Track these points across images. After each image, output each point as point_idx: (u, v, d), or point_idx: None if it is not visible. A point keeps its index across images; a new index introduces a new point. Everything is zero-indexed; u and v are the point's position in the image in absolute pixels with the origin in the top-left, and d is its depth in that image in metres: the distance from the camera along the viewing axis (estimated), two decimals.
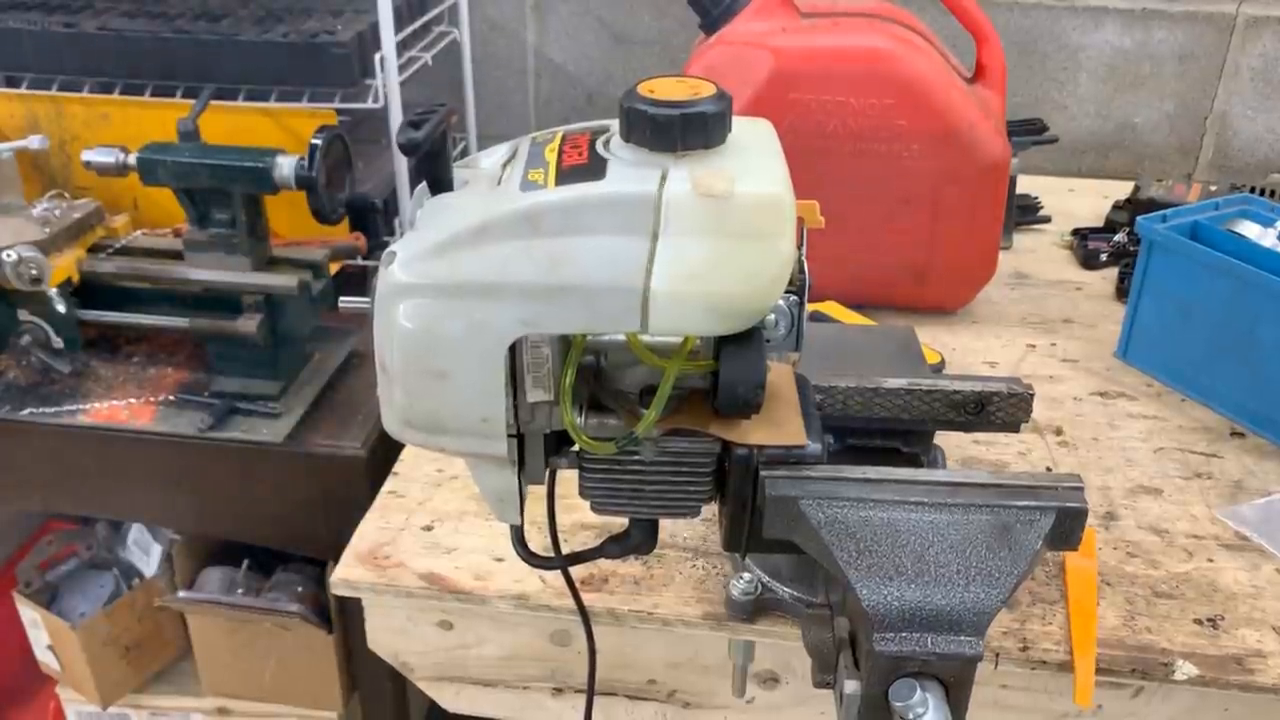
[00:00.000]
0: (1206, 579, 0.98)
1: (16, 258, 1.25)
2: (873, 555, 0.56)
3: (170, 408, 1.33)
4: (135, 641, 1.57)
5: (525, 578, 0.97)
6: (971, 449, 1.13)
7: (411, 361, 0.58)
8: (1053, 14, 1.80)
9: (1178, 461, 1.14)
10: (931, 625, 0.54)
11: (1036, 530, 0.56)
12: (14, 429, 1.32)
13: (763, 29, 1.29)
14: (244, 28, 1.52)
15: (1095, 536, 1.02)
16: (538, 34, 1.93)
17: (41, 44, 1.52)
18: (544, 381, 0.61)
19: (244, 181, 1.25)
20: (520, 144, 0.64)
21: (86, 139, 1.45)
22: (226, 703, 1.58)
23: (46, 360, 1.34)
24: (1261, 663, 0.89)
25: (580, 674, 1.04)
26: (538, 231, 0.56)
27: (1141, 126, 1.88)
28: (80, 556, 1.68)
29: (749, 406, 0.61)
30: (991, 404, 0.85)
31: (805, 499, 0.58)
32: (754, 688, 1.02)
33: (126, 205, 1.50)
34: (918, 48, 1.26)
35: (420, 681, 1.08)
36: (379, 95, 1.48)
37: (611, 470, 0.65)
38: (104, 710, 1.59)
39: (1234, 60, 1.79)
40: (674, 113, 0.56)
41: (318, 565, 1.50)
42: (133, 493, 1.38)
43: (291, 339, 1.35)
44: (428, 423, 0.60)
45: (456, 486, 1.10)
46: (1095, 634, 0.91)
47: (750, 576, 0.92)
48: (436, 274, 0.57)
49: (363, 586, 0.99)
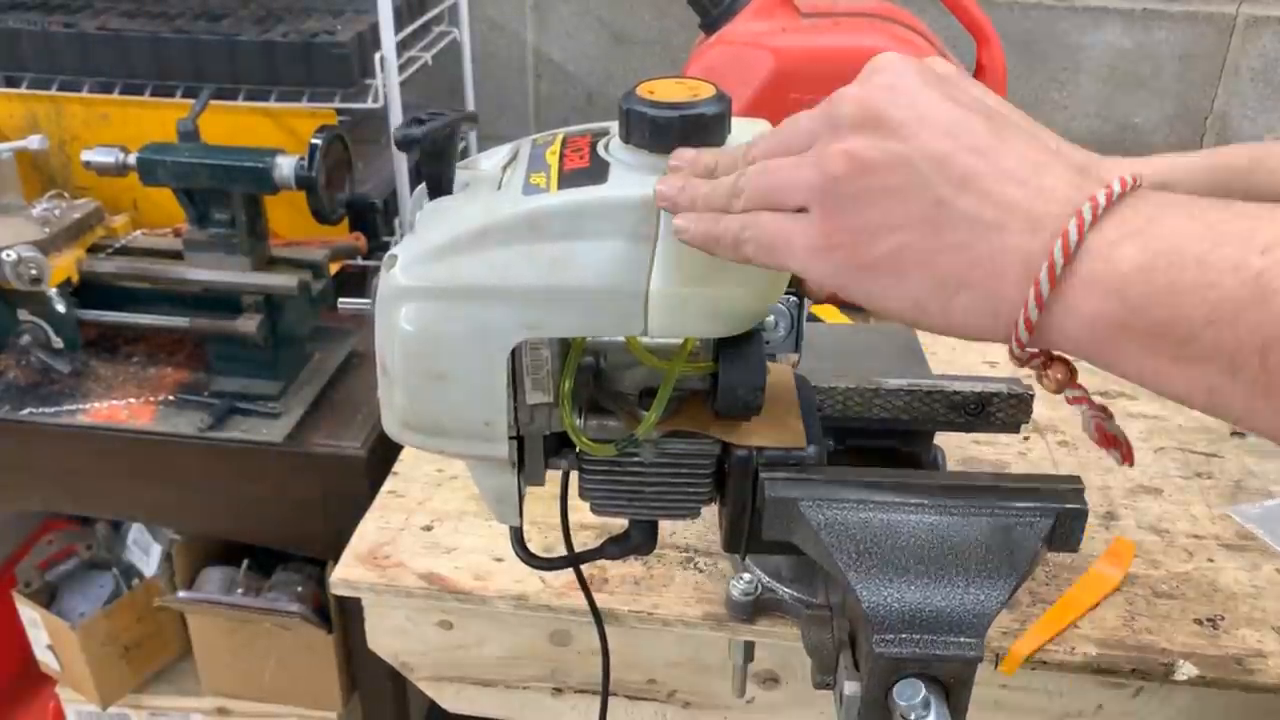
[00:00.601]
0: (1207, 579, 0.98)
1: (16, 258, 1.25)
2: (872, 556, 0.56)
3: (170, 408, 1.33)
4: (135, 641, 1.57)
5: (525, 578, 0.97)
6: (971, 449, 1.13)
7: (413, 364, 0.58)
8: (1053, 14, 1.80)
9: (1178, 461, 1.14)
10: (931, 626, 0.54)
11: (1037, 531, 0.56)
12: (14, 429, 1.32)
13: (763, 29, 1.29)
14: (244, 28, 1.52)
15: (1133, 551, 1.01)
16: (538, 34, 1.93)
17: (41, 44, 1.52)
18: (543, 384, 0.61)
19: (244, 181, 1.25)
20: (521, 146, 0.64)
21: (86, 139, 1.45)
22: (226, 703, 1.58)
23: (46, 360, 1.33)
24: (1261, 663, 0.89)
25: (580, 674, 1.04)
26: (539, 235, 0.56)
27: (1141, 126, 1.87)
28: (80, 556, 1.68)
29: (749, 408, 0.60)
30: (992, 404, 0.85)
31: (805, 500, 0.58)
32: (754, 688, 1.02)
33: (126, 205, 1.50)
34: (918, 48, 1.26)
35: (420, 681, 1.08)
36: (379, 95, 1.47)
37: (611, 472, 0.65)
38: (104, 710, 1.59)
39: (1234, 60, 1.79)
40: (673, 114, 0.56)
41: (318, 565, 1.50)
42: (133, 493, 1.38)
43: (291, 339, 1.35)
44: (428, 425, 0.60)
45: (456, 486, 1.10)
46: (1062, 626, 0.91)
47: (750, 577, 0.92)
48: (438, 277, 0.57)
49: (362, 586, 0.99)
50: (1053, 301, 0.46)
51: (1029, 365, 0.50)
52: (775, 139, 0.53)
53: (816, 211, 0.50)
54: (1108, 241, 0.45)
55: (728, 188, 0.53)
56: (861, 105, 0.49)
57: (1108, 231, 0.45)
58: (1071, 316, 0.46)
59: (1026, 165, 0.48)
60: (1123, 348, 0.45)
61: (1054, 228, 0.45)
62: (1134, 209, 0.45)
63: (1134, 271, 0.44)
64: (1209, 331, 0.43)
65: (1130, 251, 0.44)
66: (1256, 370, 0.42)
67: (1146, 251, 0.44)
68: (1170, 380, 0.45)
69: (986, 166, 0.47)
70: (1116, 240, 0.45)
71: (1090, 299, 0.45)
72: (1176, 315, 0.43)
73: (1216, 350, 0.43)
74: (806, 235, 0.50)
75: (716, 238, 0.53)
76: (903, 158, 0.48)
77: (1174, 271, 0.43)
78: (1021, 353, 0.48)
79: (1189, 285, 0.43)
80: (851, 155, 0.49)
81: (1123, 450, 0.54)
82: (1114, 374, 0.47)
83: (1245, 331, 0.42)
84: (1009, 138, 0.49)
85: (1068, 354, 0.50)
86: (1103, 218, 0.45)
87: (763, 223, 0.52)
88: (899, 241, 0.48)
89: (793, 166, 0.51)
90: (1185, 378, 0.44)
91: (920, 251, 0.48)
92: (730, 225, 0.52)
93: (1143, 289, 0.44)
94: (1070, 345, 0.48)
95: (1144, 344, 0.45)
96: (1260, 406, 0.43)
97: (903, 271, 0.49)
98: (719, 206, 0.53)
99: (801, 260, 0.51)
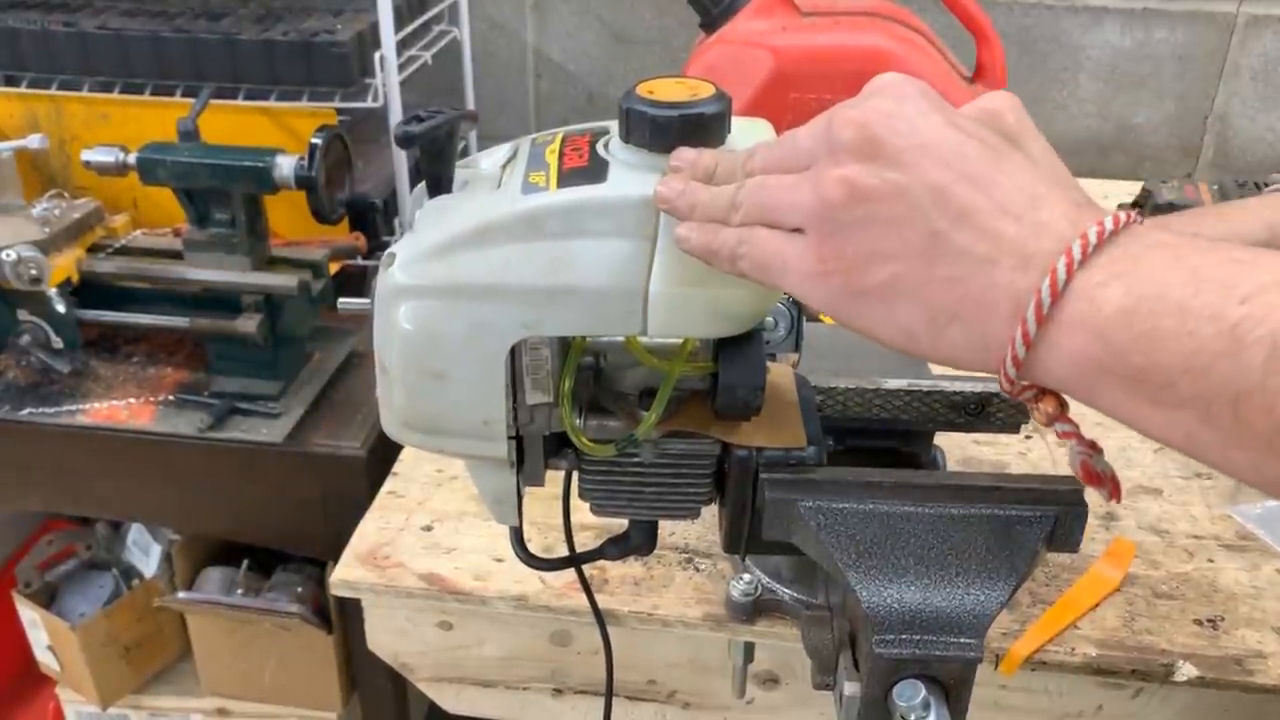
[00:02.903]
0: (1206, 579, 0.98)
1: (16, 257, 1.25)
2: (872, 557, 0.56)
3: (170, 408, 1.33)
4: (135, 642, 1.57)
5: (525, 578, 0.97)
6: (971, 449, 1.13)
7: (412, 363, 0.58)
8: (1053, 14, 1.80)
9: (1178, 461, 1.14)
10: (931, 627, 0.54)
11: (1037, 531, 0.56)
12: (14, 429, 1.32)
13: (763, 28, 1.29)
14: (244, 27, 1.52)
15: (1133, 552, 1.00)
16: (538, 34, 1.93)
17: (41, 44, 1.52)
18: (543, 383, 0.61)
19: (244, 181, 1.25)
20: (520, 145, 0.63)
21: (86, 139, 1.45)
22: (226, 703, 1.58)
23: (46, 360, 1.33)
24: (1261, 663, 0.89)
25: (580, 675, 1.04)
26: (539, 234, 0.56)
27: (1141, 126, 1.87)
28: (80, 556, 1.68)
29: (748, 408, 0.60)
30: (992, 404, 0.85)
31: (805, 501, 0.58)
32: (754, 688, 1.02)
33: (126, 205, 1.50)
34: (918, 47, 1.26)
35: (420, 682, 1.08)
36: (379, 94, 1.47)
37: (611, 472, 0.65)
38: (103, 710, 1.59)
39: (1234, 60, 1.79)
40: (673, 114, 0.56)
41: (318, 565, 1.51)
42: (133, 493, 1.38)
43: (291, 339, 1.35)
44: (427, 424, 0.60)
45: (456, 486, 1.10)
46: (1062, 626, 0.91)
47: (750, 577, 0.92)
48: (437, 276, 0.57)
49: (362, 587, 0.99)
50: (1039, 340, 0.46)
51: (1020, 397, 0.50)
52: (774, 154, 0.53)
53: (812, 236, 0.50)
54: (1094, 283, 0.45)
55: (726, 199, 0.53)
56: (861, 130, 0.49)
57: (1095, 272, 0.45)
58: (1056, 355, 0.46)
59: (1023, 198, 0.47)
60: (1104, 388, 0.46)
61: (1044, 265, 0.45)
62: (1124, 248, 0.45)
63: (1117, 314, 0.44)
64: (1185, 379, 0.43)
65: (1115, 294, 0.44)
66: (1230, 421, 0.42)
67: (1130, 295, 0.44)
68: (1149, 423, 0.45)
69: (983, 200, 0.47)
70: (1103, 281, 0.45)
71: (1075, 339, 0.45)
72: (1154, 362, 0.43)
73: (1193, 398, 0.43)
74: (801, 258, 0.50)
75: (714, 250, 0.53)
76: (901, 188, 0.48)
77: (1154, 318, 0.43)
78: (1012, 386, 0.48)
79: (1168, 332, 0.43)
80: (849, 183, 0.48)
81: (1110, 488, 0.54)
82: (1097, 411, 0.47)
83: (1219, 382, 0.42)
84: (1007, 167, 0.49)
85: (1054, 389, 0.50)
86: (1092, 257, 0.45)
87: (759, 240, 0.51)
88: (893, 271, 0.48)
89: (790, 187, 0.51)
90: (1163, 422, 0.45)
91: (914, 282, 0.48)
92: (728, 239, 0.52)
93: (1124, 333, 0.44)
94: (1055, 382, 0.48)
95: (1124, 386, 0.45)
96: (1235, 456, 0.43)
97: (895, 301, 0.49)
98: (718, 217, 0.53)
99: (794, 283, 0.51)
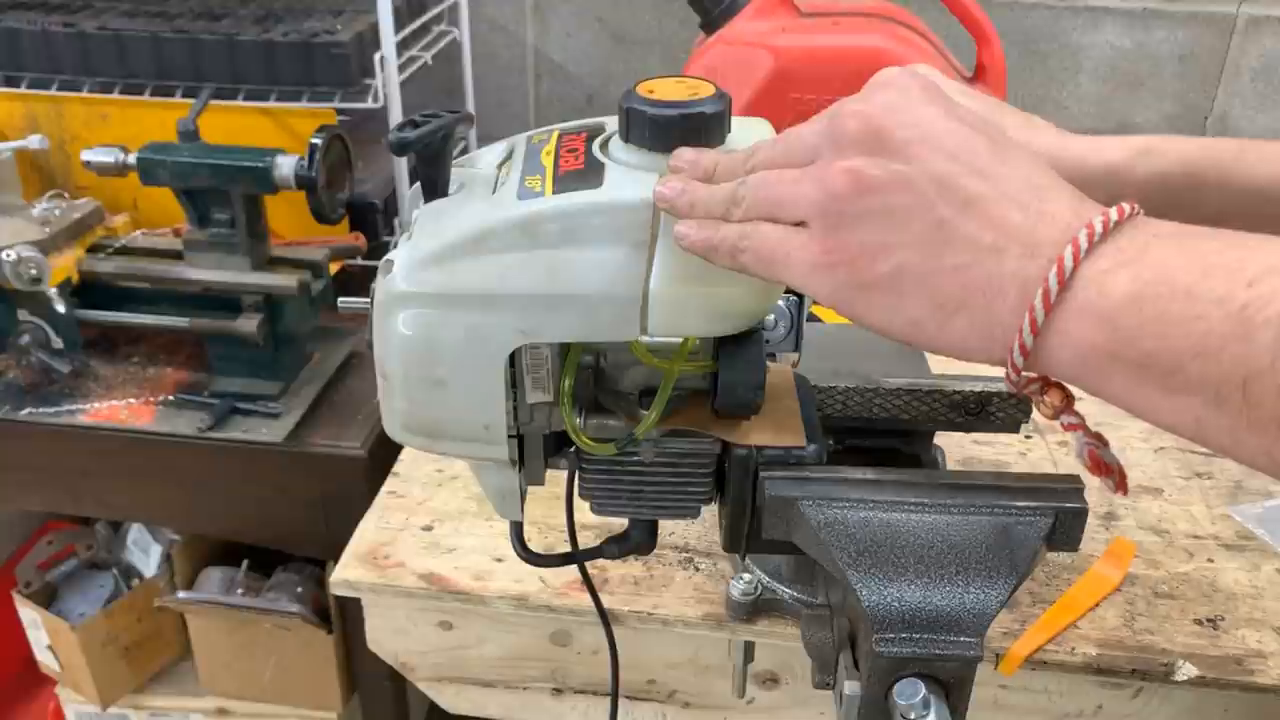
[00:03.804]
0: (1207, 579, 0.98)
1: (16, 258, 1.25)
2: (872, 556, 0.56)
3: (170, 408, 1.33)
4: (135, 642, 1.57)
5: (525, 578, 0.97)
6: (971, 449, 1.13)
7: (411, 369, 0.58)
8: (1053, 14, 1.80)
9: (1178, 461, 1.14)
10: (931, 626, 0.54)
11: (1036, 531, 0.56)
12: (14, 429, 1.32)
13: (763, 28, 1.29)
14: (244, 27, 1.52)
15: (1133, 551, 1.00)
16: (538, 34, 1.93)
17: (41, 44, 1.52)
18: (544, 383, 0.61)
19: (244, 181, 1.25)
20: (516, 143, 0.63)
21: (86, 139, 1.45)
22: (226, 703, 1.58)
23: (46, 360, 1.33)
24: (1261, 663, 0.89)
25: (580, 674, 1.04)
26: (535, 241, 0.56)
27: (1142, 126, 1.87)
28: (80, 557, 1.68)
29: (748, 407, 0.60)
30: (992, 404, 0.85)
31: (805, 500, 0.58)
32: (754, 688, 1.02)
33: (126, 205, 1.50)
34: (918, 47, 1.26)
35: (420, 682, 1.08)
36: (379, 95, 1.47)
37: (611, 471, 0.65)
38: (103, 710, 1.59)
39: (1234, 60, 1.79)
40: (673, 113, 0.56)
41: (318, 565, 1.50)
42: (133, 493, 1.38)
43: (291, 339, 1.35)
44: (428, 428, 0.60)
45: (456, 486, 1.10)
46: (1062, 626, 0.91)
47: (750, 577, 0.92)
48: (435, 283, 0.57)
49: (362, 586, 0.99)
50: (1046, 328, 0.46)
51: (1026, 390, 0.50)
52: (777, 149, 0.53)
53: (816, 228, 0.50)
54: (1101, 270, 0.45)
55: (727, 194, 0.53)
56: (865, 122, 0.49)
57: (1102, 260, 0.45)
58: (1064, 343, 0.46)
59: (1029, 189, 0.48)
60: (1113, 376, 0.46)
61: (1051, 254, 0.46)
62: (1130, 237, 0.46)
63: (1125, 301, 0.44)
64: (1195, 364, 0.43)
65: (1123, 281, 0.44)
66: (1240, 404, 0.42)
67: (1138, 281, 0.44)
68: (1159, 410, 0.45)
69: (989, 189, 0.47)
70: (1110, 269, 0.45)
71: (1082, 327, 0.45)
72: (1164, 346, 0.43)
73: (1202, 382, 0.43)
74: (805, 251, 0.50)
75: (715, 246, 0.53)
76: (905, 178, 0.48)
77: (1163, 303, 0.43)
78: (1017, 377, 0.48)
79: (1177, 317, 0.43)
80: (854, 174, 0.48)
81: (1116, 479, 0.54)
82: (1105, 400, 0.47)
83: (1229, 365, 0.42)
84: (1012, 159, 0.49)
85: (1061, 380, 0.50)
86: (1098, 245, 0.45)
87: (762, 234, 0.51)
88: (899, 261, 0.48)
89: (794, 180, 0.51)
90: (1173, 408, 0.45)
91: (920, 272, 0.48)
92: (729, 234, 0.52)
93: (1133, 319, 0.44)
94: (1063, 371, 0.48)
95: (1133, 373, 0.45)
96: (1245, 439, 0.43)
97: (901, 291, 0.49)
98: (718, 214, 0.53)
99: (799, 275, 0.51)
